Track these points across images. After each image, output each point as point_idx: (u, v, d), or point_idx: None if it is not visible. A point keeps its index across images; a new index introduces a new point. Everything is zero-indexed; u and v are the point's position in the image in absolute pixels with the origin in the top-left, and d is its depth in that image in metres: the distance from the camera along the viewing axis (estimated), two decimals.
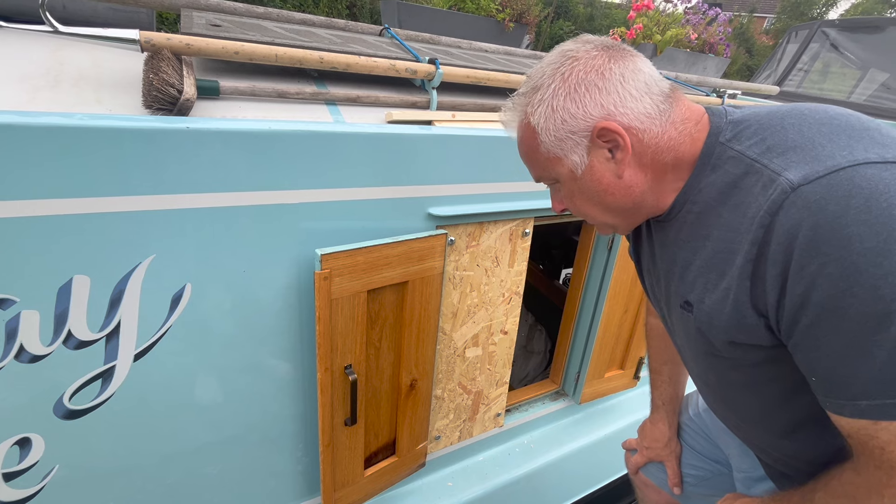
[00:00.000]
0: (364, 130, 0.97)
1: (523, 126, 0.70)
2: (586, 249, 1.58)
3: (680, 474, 1.12)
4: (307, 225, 0.98)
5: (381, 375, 1.20)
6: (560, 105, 0.64)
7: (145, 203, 0.81)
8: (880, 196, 0.48)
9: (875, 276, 0.48)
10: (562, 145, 0.66)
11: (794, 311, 0.55)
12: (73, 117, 0.73)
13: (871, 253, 0.48)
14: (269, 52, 0.98)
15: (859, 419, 0.55)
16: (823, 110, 0.59)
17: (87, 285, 0.81)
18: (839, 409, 0.57)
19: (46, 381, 0.84)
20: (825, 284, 0.51)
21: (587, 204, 0.71)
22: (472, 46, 1.67)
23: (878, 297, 0.49)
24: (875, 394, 0.53)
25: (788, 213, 0.53)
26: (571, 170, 0.68)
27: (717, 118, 0.66)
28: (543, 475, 1.64)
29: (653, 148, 0.65)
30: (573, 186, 0.70)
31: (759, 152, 0.58)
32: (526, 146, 0.71)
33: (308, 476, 1.24)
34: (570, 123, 0.64)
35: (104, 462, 0.95)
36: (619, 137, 0.63)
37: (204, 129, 0.81)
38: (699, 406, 1.14)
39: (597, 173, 0.67)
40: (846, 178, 0.50)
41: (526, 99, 0.68)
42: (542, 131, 0.66)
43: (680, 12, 2.39)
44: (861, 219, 0.48)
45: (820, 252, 0.50)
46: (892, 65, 3.07)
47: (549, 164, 0.69)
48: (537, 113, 0.66)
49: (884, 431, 0.54)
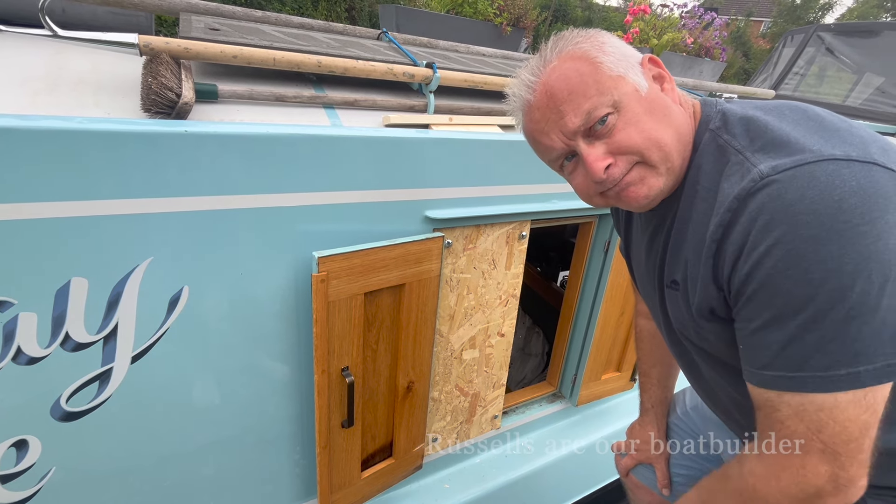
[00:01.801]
0: (361, 134, 0.98)
1: (573, 58, 0.64)
2: (583, 252, 1.59)
3: (669, 476, 1.13)
4: (304, 228, 0.98)
5: (378, 377, 1.20)
6: (605, 39, 0.66)
7: (143, 206, 0.82)
8: (834, 190, 0.51)
9: (810, 261, 0.52)
10: (624, 64, 0.64)
11: (740, 285, 0.59)
12: (72, 121, 0.73)
13: (813, 240, 0.52)
14: (268, 55, 0.99)
15: (765, 389, 0.59)
16: (802, 109, 0.62)
17: (84, 287, 0.81)
18: (750, 377, 0.61)
19: (44, 383, 0.84)
20: (769, 262, 0.55)
21: (657, 124, 0.64)
22: (470, 50, 1.68)
23: (807, 281, 0.52)
24: (782, 366, 0.57)
25: (755, 199, 0.56)
26: (636, 88, 0.64)
27: (708, 107, 0.69)
28: (540, 477, 1.64)
29: (679, 98, 0.69)
30: (639, 107, 0.63)
31: (743, 144, 0.61)
32: (578, 74, 0.63)
33: (305, 478, 1.24)
34: (623, 50, 0.66)
35: (101, 464, 0.95)
36: (663, 71, 0.66)
37: (202, 132, 0.82)
38: (687, 404, 1.15)
39: (658, 95, 0.66)
40: (808, 172, 0.53)
41: (557, 46, 0.66)
42: (600, 52, 0.64)
43: (676, 16, 2.41)
44: (812, 208, 0.52)
45: (771, 234, 0.54)
46: (887, 69, 3.09)
47: (612, 83, 0.63)
48: (586, 43, 0.65)
49: (784, 405, 0.58)
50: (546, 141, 0.67)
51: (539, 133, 0.68)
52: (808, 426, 0.56)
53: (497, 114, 1.30)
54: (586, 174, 0.66)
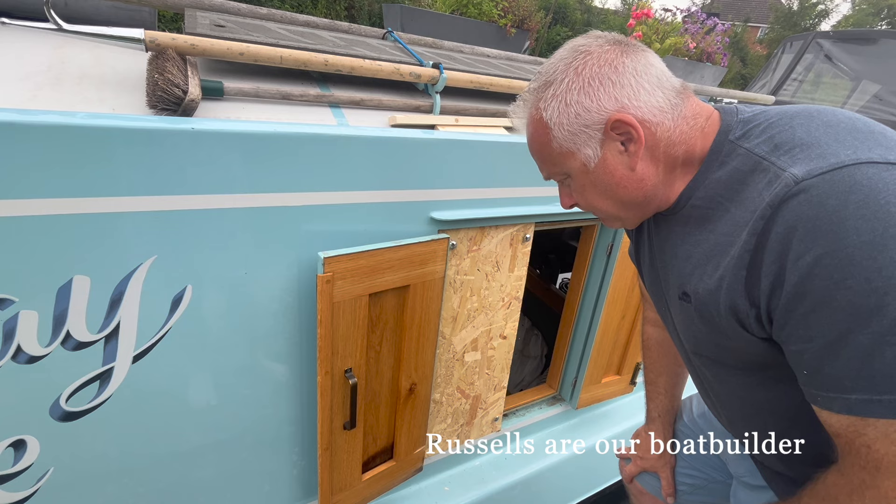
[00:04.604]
0: (368, 134, 0.97)
1: (535, 122, 0.69)
2: (585, 255, 1.59)
3: (674, 484, 1.12)
4: (309, 228, 0.97)
5: (381, 379, 1.19)
6: (574, 99, 0.64)
7: (148, 203, 0.81)
8: (879, 194, 0.49)
9: (869, 269, 0.49)
10: (575, 139, 0.66)
11: (789, 301, 0.55)
12: (75, 116, 0.72)
13: (866, 246, 0.49)
14: (275, 53, 0.98)
15: (847, 415, 0.54)
16: (832, 112, 0.60)
17: (87, 286, 0.80)
18: (829, 403, 0.56)
19: (43, 383, 0.83)
20: (821, 274, 0.51)
21: (599, 197, 0.71)
22: (475, 51, 1.68)
23: (872, 290, 0.49)
24: (866, 388, 0.52)
25: (790, 206, 0.53)
26: (584, 163, 0.67)
27: (729, 116, 0.67)
28: (540, 480, 1.64)
29: (665, 141, 0.65)
30: (585, 180, 0.69)
31: (767, 150, 0.59)
32: (537, 142, 0.70)
33: (304, 479, 1.23)
34: (584, 117, 0.64)
35: (100, 465, 0.94)
36: (632, 130, 0.63)
37: (209, 130, 0.81)
38: (694, 412, 1.15)
39: (609, 166, 0.67)
40: (848, 175, 0.51)
41: (537, 95, 0.68)
42: (555, 126, 0.66)
43: (679, 21, 2.41)
44: (859, 213, 0.49)
45: (817, 243, 0.51)
46: (884, 76, 3.11)
47: (561, 158, 0.69)
48: (550, 108, 0.66)
49: (871, 428, 0.53)
50: None
51: None
52: None
53: (502, 116, 1.30)
54: None
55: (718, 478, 1.08)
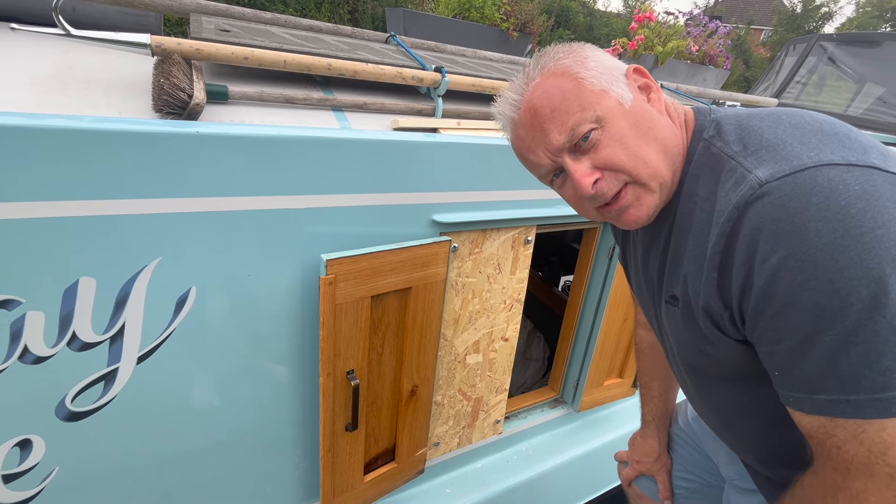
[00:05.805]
0: (371, 137, 0.98)
1: (552, 74, 0.64)
2: (587, 258, 1.59)
3: (671, 488, 1.12)
4: (312, 230, 0.98)
5: (383, 381, 1.20)
6: (587, 54, 0.65)
7: (153, 206, 0.82)
8: (840, 195, 0.50)
9: (831, 271, 0.49)
10: (605, 78, 0.63)
11: (757, 302, 0.56)
12: (82, 120, 0.73)
13: (828, 248, 0.49)
14: (278, 57, 0.99)
15: (818, 416, 0.55)
16: (799, 114, 0.60)
17: (93, 287, 0.81)
18: (799, 403, 0.57)
19: (49, 383, 0.84)
20: (785, 277, 0.52)
21: (641, 141, 0.63)
22: (477, 55, 1.69)
23: (834, 291, 0.49)
24: (833, 389, 0.53)
25: (755, 208, 0.54)
26: (619, 101, 0.63)
27: (702, 116, 0.68)
28: (542, 483, 1.64)
29: (671, 107, 0.68)
30: (623, 123, 0.62)
31: (736, 150, 0.60)
32: (560, 90, 0.63)
33: (306, 481, 1.24)
34: (606, 64, 0.65)
35: (104, 465, 0.95)
36: (649, 81, 0.65)
37: (213, 133, 0.82)
38: (689, 415, 1.15)
39: (644, 107, 0.65)
40: (809, 177, 0.52)
41: (537, 69, 0.66)
42: (582, 68, 0.63)
43: (681, 24, 2.42)
44: (820, 215, 0.50)
45: (781, 245, 0.52)
46: (888, 79, 3.11)
47: (595, 98, 0.62)
48: (568, 59, 0.64)
49: (840, 429, 0.54)
50: (533, 158, 0.68)
51: (526, 150, 0.68)
52: (870, 449, 0.52)
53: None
54: (576, 189, 0.66)
55: (714, 482, 1.08)
